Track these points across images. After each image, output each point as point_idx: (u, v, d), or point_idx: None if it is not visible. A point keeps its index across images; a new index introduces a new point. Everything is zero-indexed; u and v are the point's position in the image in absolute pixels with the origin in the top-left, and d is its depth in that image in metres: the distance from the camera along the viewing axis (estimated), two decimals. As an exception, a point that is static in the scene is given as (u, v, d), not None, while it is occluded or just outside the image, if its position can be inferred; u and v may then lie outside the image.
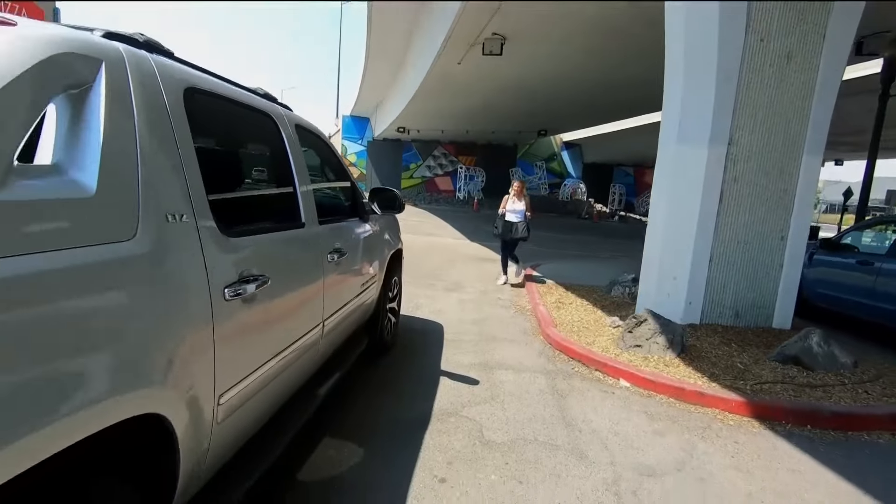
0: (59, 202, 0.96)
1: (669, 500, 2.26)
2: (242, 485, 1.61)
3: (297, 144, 2.19)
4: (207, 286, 1.33)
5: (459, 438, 2.65)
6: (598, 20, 9.83)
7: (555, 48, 12.18)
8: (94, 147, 1.07)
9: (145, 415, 1.09)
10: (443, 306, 5.49)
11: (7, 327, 0.81)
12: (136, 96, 1.21)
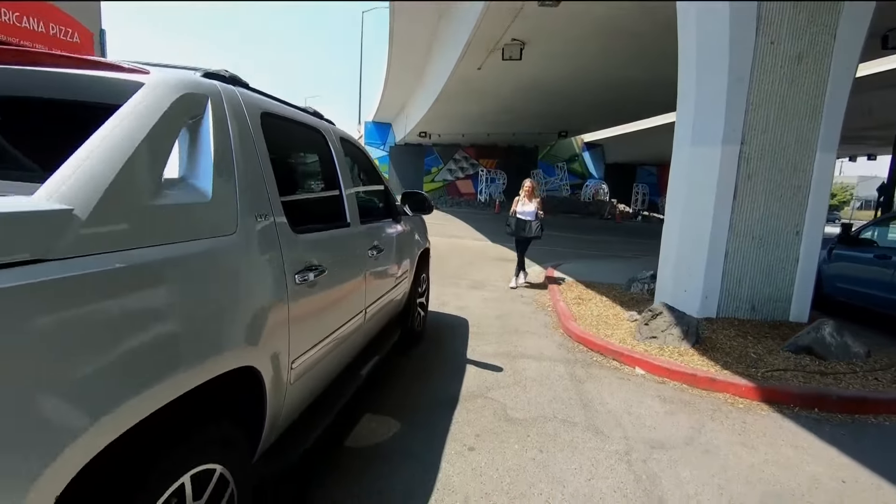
0: (190, 206, 1.30)
1: (676, 468, 2.50)
2: (302, 445, 1.93)
3: (342, 154, 2.53)
4: (284, 272, 1.66)
5: (486, 416, 2.95)
6: (615, 24, 10.02)
7: (574, 52, 12.37)
8: (207, 164, 1.41)
9: (245, 367, 1.42)
10: (467, 303, 5.79)
11: (165, 295, 1.14)
12: (230, 123, 1.55)
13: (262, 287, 1.54)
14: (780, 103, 4.85)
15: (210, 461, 1.29)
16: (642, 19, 9.45)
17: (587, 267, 8.64)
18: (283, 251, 1.67)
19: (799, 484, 2.43)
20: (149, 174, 1.18)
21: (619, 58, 12.46)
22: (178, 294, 1.19)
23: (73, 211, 0.95)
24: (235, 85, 1.72)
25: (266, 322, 1.53)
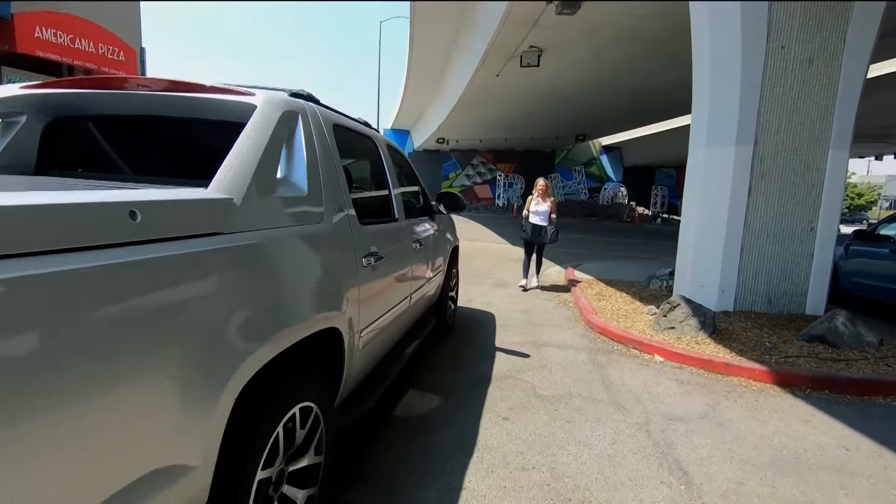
0: (295, 199, 1.66)
1: (692, 436, 2.77)
2: (366, 404, 2.28)
3: (390, 159, 2.89)
4: (355, 255, 2.01)
5: (516, 393, 3.25)
6: (633, 30, 10.26)
7: (592, 58, 12.62)
8: (301, 166, 1.77)
9: (332, 328, 1.77)
10: (492, 300, 6.10)
11: (287, 263, 1.50)
12: (314, 133, 1.91)
13: (342, 266, 1.90)
14: (791, 105, 5.07)
15: (309, 400, 1.63)
16: (660, 25, 9.69)
17: (607, 267, 8.87)
18: (353, 238, 2.03)
19: (805, 450, 2.68)
20: (270, 174, 1.54)
21: (638, 62, 12.67)
22: (294, 263, 1.55)
23: (233, 200, 1.31)
24: (313, 102, 2.09)
25: (344, 294, 1.88)
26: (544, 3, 9.07)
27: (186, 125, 2.02)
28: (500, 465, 2.38)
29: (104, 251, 0.90)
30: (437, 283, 3.87)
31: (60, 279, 0.81)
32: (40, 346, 0.77)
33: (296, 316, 1.49)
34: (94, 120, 2.16)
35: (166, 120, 1.98)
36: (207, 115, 1.85)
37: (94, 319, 0.86)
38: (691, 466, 2.45)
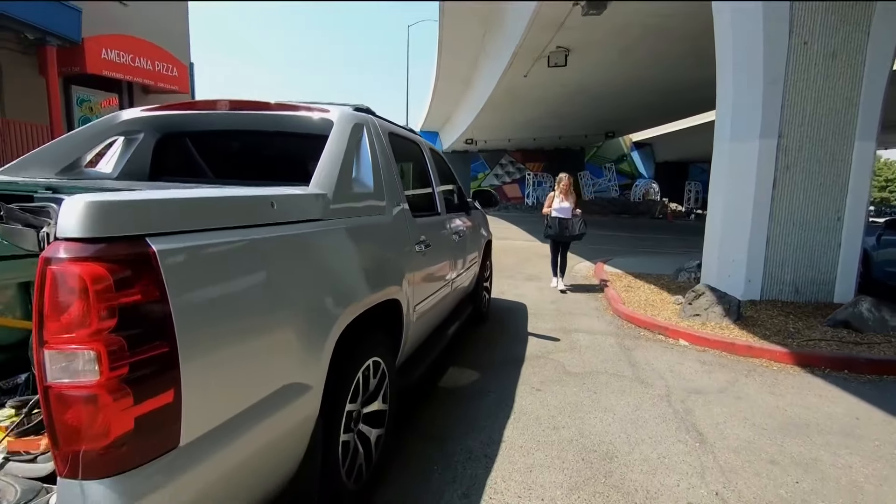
0: (366, 195, 2.06)
1: (710, 406, 3.04)
2: (418, 371, 2.67)
3: (432, 160, 3.29)
4: (410, 241, 2.41)
5: (548, 370, 3.59)
6: (660, 28, 10.36)
7: (618, 56, 12.73)
8: (368, 168, 2.17)
9: (395, 300, 2.16)
10: (523, 292, 6.42)
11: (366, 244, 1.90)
12: (376, 141, 2.32)
13: (401, 250, 2.29)
14: (815, 98, 5.20)
15: (379, 356, 2.03)
16: (687, 22, 9.77)
17: (636, 261, 9.03)
18: (408, 228, 2.42)
19: (816, 419, 2.91)
20: (348, 175, 1.95)
21: (666, 59, 12.70)
22: (368, 246, 1.95)
23: (327, 195, 1.72)
24: (371, 114, 2.50)
25: (403, 273, 2.27)
26: (571, 5, 9.32)
27: (274, 137, 2.46)
28: (533, 424, 2.73)
29: (259, 228, 1.32)
30: (473, 273, 4.24)
31: (239, 245, 1.22)
32: (231, 289, 1.18)
33: (372, 285, 1.89)
34: (196, 135, 2.64)
35: (256, 133, 2.43)
36: (292, 128, 2.29)
37: (258, 273, 1.27)
38: (707, 429, 2.74)
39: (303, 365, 1.43)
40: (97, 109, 10.00)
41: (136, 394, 0.92)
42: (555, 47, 12.34)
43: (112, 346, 0.88)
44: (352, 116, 2.19)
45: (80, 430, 0.88)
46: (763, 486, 2.21)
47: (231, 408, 1.16)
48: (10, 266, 1.34)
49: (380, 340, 2.05)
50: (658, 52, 12.20)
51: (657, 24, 10.19)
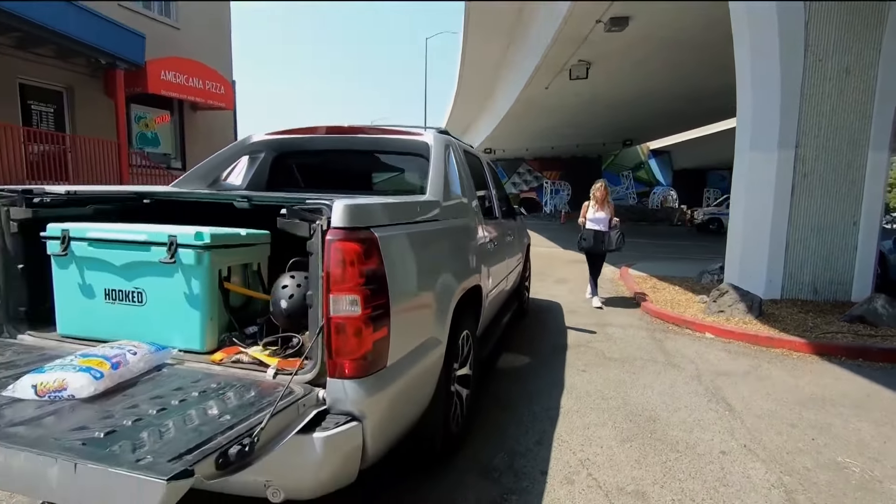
0: (457, 201, 2.59)
1: (736, 384, 3.49)
2: (486, 349, 3.18)
3: (490, 172, 3.82)
4: (484, 239, 2.93)
5: (589, 356, 4.06)
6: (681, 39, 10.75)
7: (640, 67, 13.16)
8: (455, 179, 2.70)
9: (477, 285, 2.68)
10: (556, 292, 6.90)
11: (462, 241, 2.42)
12: (455, 155, 2.85)
13: (479, 246, 2.81)
14: (830, 111, 5.62)
15: (468, 329, 2.54)
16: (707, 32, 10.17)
17: (659, 265, 9.42)
18: (483, 228, 2.95)
19: (831, 395, 3.34)
20: (447, 184, 2.48)
21: (685, 68, 13.09)
22: (463, 241, 2.48)
23: (437, 202, 2.25)
24: (449, 135, 3.04)
25: (481, 265, 2.79)
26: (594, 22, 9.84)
27: (369, 155, 3.02)
28: (584, 396, 3.21)
29: (414, 224, 1.85)
30: (519, 272, 4.74)
31: (409, 234, 1.75)
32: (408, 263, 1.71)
33: (470, 271, 2.42)
34: (305, 153, 3.21)
35: (361, 153, 2.98)
36: (390, 148, 2.84)
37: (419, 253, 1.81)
38: (734, 401, 3.19)
39: (440, 324, 1.96)
40: (152, 126, 10.81)
41: (374, 327, 1.45)
42: (576, 61, 12.85)
43: (365, 294, 1.42)
44: (442, 139, 2.73)
45: (346, 348, 1.41)
46: (783, 441, 2.66)
47: (407, 346, 1.68)
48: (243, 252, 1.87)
49: (469, 317, 2.56)
50: (676, 62, 12.60)
51: (675, 36, 10.62)
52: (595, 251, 5.99)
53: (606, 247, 5.87)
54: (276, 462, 1.29)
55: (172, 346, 1.64)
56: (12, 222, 1.83)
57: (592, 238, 5.88)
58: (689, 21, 9.59)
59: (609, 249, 5.92)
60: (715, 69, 12.33)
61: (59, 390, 1.26)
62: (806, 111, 5.64)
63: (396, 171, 3.30)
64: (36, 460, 0.98)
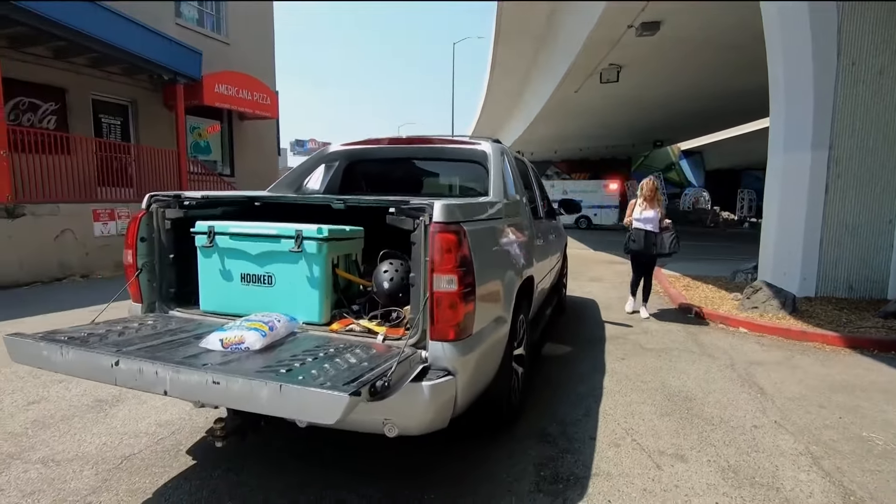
0: (513, 201, 2.96)
1: (769, 372, 3.73)
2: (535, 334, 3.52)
3: (535, 176, 4.17)
4: (536, 235, 3.28)
5: (627, 347, 4.35)
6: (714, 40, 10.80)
7: (671, 68, 13.20)
8: (510, 181, 3.07)
9: (531, 276, 3.03)
10: (591, 290, 7.17)
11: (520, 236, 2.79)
12: (508, 161, 3.21)
13: (531, 241, 3.17)
14: (864, 111, 5.74)
15: (523, 314, 2.89)
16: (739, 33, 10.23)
17: (691, 266, 9.52)
18: (532, 226, 3.30)
19: (861, 383, 3.55)
20: (505, 186, 2.85)
21: (720, 70, 13.08)
22: (521, 235, 2.84)
23: (500, 202, 2.62)
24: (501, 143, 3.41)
25: (534, 258, 3.14)
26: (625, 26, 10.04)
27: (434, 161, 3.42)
28: (624, 379, 3.52)
29: (487, 221, 2.22)
30: (558, 269, 5.06)
31: (485, 228, 2.13)
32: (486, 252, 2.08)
33: (527, 263, 2.78)
34: (373, 161, 3.63)
35: (424, 160, 3.38)
36: (451, 156, 3.23)
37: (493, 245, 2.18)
38: (766, 386, 3.44)
39: (506, 306, 2.33)
40: (205, 135, 11.56)
41: (465, 301, 1.83)
42: (607, 64, 13.02)
43: (459, 275, 1.80)
44: (498, 146, 3.11)
45: (445, 317, 1.79)
46: (812, 419, 2.91)
47: (485, 321, 2.06)
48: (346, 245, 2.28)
49: (524, 304, 2.92)
50: (708, 63, 12.62)
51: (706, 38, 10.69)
52: (645, 254, 5.34)
53: (659, 250, 5.24)
54: (394, 403, 1.68)
55: (298, 319, 2.06)
56: (166, 221, 2.29)
57: (643, 239, 5.24)
58: (720, 23, 9.69)
59: (661, 253, 5.28)
60: (748, 69, 12.29)
61: (239, 343, 1.68)
62: (839, 112, 5.77)
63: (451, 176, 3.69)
64: (251, 384, 1.39)
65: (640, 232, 5.25)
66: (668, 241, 5.20)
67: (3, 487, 2.07)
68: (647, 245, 5.24)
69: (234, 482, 2.13)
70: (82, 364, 1.62)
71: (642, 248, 5.28)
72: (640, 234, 5.25)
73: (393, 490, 2.09)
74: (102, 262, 7.70)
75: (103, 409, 2.86)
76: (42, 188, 7.23)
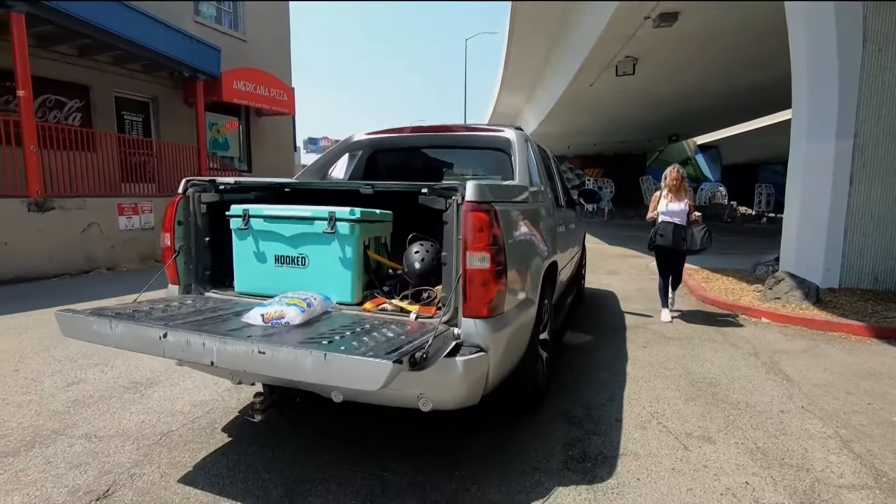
0: (537, 188, 2.98)
1: (793, 360, 3.70)
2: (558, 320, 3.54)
3: (555, 165, 4.18)
4: (558, 222, 3.29)
5: (648, 336, 4.35)
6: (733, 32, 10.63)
7: (690, 61, 13.00)
8: (535, 168, 3.09)
9: (554, 261, 3.05)
10: (609, 282, 7.15)
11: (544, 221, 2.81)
12: (532, 148, 3.23)
13: (555, 228, 3.18)
14: (891, 98, 5.62)
15: (547, 298, 2.91)
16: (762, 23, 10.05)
17: (710, 259, 9.40)
18: (556, 215, 3.32)
19: (889, 371, 3.50)
20: (529, 173, 2.87)
21: (737, 62, 12.86)
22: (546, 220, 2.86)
23: (528, 186, 2.64)
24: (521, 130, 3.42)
25: (557, 245, 3.16)
26: (642, 18, 9.94)
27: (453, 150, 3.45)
28: (647, 366, 3.52)
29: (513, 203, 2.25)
30: (577, 259, 5.06)
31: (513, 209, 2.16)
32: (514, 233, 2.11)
33: (551, 249, 2.81)
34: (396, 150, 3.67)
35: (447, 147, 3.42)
36: (475, 144, 3.25)
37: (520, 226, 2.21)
38: (792, 373, 3.42)
39: (534, 287, 2.36)
40: (223, 132, 11.72)
41: (496, 280, 1.86)
42: (623, 57, 12.89)
43: (492, 253, 1.83)
44: (521, 133, 3.13)
45: (477, 294, 1.83)
46: (840, 405, 2.89)
47: (515, 301, 2.09)
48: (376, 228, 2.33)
49: (548, 289, 2.94)
50: (726, 56, 12.41)
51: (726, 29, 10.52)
52: (674, 249, 4.71)
53: (690, 245, 4.66)
54: (429, 378, 1.72)
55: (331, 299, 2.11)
56: (202, 205, 2.36)
57: (671, 233, 4.64)
58: (740, 14, 9.54)
59: (693, 250, 4.67)
60: (769, 60, 12.09)
61: (280, 318, 1.74)
62: (865, 100, 5.66)
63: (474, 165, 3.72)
64: (296, 353, 1.44)
65: (668, 225, 4.67)
66: (700, 235, 4.63)
67: (51, 460, 2.16)
68: (676, 240, 4.63)
69: (269, 458, 2.20)
70: (131, 337, 1.68)
71: (671, 244, 4.65)
72: (668, 228, 4.66)
73: (423, 467, 2.13)
74: (127, 255, 7.88)
75: (139, 390, 2.96)
76: (69, 183, 7.42)
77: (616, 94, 16.77)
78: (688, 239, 4.66)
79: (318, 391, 1.98)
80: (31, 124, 6.69)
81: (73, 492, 1.93)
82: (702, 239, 4.63)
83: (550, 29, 14.06)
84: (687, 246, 4.67)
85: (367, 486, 1.99)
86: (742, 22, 10.08)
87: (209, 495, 1.92)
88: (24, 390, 2.93)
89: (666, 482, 2.06)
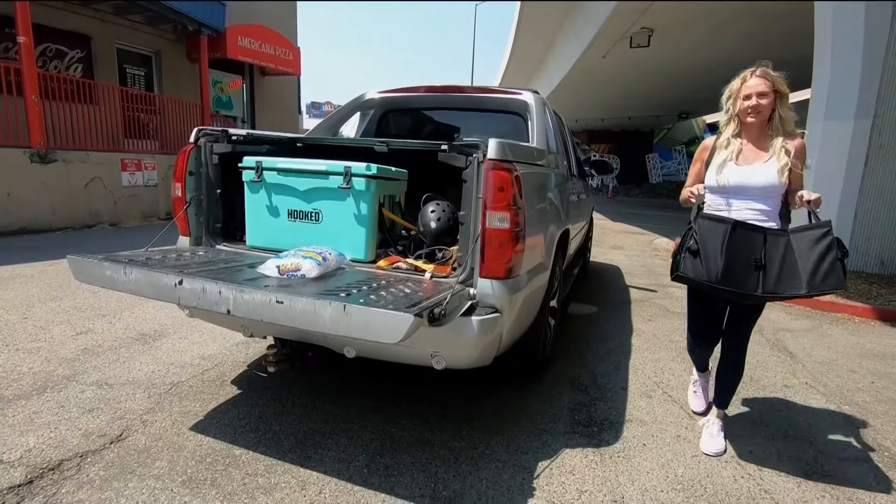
0: (553, 152, 2.91)
1: (797, 338, 3.71)
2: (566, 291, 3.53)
3: (568, 131, 4.09)
4: (571, 192, 3.24)
5: (653, 309, 4.35)
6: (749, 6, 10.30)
7: (706, 36, 12.63)
8: (552, 132, 3.02)
9: (567, 229, 3.01)
10: (613, 257, 7.13)
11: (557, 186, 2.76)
12: (549, 112, 3.15)
13: (568, 196, 3.13)
14: (915, 80, 5.47)
15: (558, 266, 2.89)
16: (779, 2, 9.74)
17: (715, 238, 9.39)
18: (570, 183, 3.26)
19: (892, 352, 3.52)
20: (546, 138, 2.80)
21: (754, 38, 12.51)
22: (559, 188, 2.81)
23: (545, 150, 2.58)
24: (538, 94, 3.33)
25: (570, 213, 3.12)
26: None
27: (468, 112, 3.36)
28: (651, 338, 3.54)
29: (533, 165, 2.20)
30: (585, 231, 5.02)
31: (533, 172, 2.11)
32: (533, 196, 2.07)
33: (566, 216, 2.77)
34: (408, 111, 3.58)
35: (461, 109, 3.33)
36: (491, 106, 3.17)
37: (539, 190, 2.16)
38: (796, 351, 3.43)
39: (548, 253, 2.33)
40: (227, 90, 11.47)
41: (514, 241, 1.83)
42: (639, 28, 12.52)
43: (511, 213, 1.79)
44: (539, 97, 3.04)
45: (496, 254, 1.80)
46: (843, 382, 2.91)
47: (530, 264, 2.07)
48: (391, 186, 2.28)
49: (560, 256, 2.92)
50: (745, 32, 12.06)
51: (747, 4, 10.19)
52: (735, 292, 1.89)
53: (786, 282, 1.88)
54: (443, 336, 1.71)
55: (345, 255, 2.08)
56: (214, 155, 2.31)
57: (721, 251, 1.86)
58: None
59: (797, 293, 1.90)
60: (789, 37, 11.75)
61: (296, 270, 1.72)
62: (888, 80, 5.51)
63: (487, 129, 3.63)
64: (314, 304, 1.42)
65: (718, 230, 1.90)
66: (827, 261, 1.89)
67: (64, 404, 2.18)
68: (742, 269, 1.87)
69: (279, 410, 2.22)
70: (146, 283, 1.66)
71: (722, 279, 1.85)
72: (718, 235, 1.88)
73: (432, 425, 2.15)
74: (130, 211, 7.83)
75: (147, 342, 2.97)
76: (72, 136, 7.29)
77: (629, 68, 16.36)
78: (784, 260, 1.90)
79: (331, 346, 1.98)
80: (32, 72, 6.53)
81: (87, 434, 1.95)
82: (829, 268, 1.89)
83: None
84: (764, 289, 1.87)
85: (376, 440, 2.02)
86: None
87: (221, 443, 1.94)
88: (32, 337, 2.94)
89: (671, 448, 2.09)
